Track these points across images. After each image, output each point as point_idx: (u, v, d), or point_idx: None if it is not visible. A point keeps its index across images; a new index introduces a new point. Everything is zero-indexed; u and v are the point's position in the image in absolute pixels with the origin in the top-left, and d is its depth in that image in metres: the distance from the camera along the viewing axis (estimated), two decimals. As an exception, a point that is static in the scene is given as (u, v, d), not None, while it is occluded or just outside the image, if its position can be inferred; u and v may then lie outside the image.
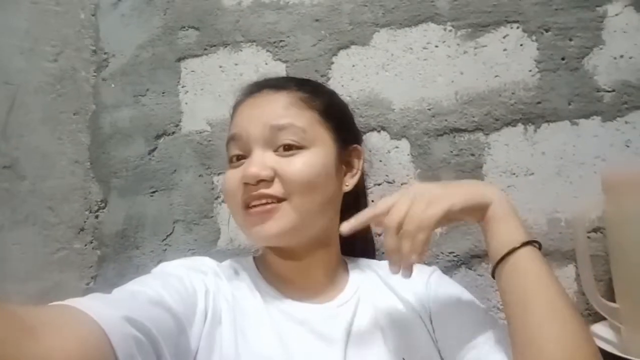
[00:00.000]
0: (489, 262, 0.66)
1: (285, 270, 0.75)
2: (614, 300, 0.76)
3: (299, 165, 0.69)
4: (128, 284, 0.61)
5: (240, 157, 0.73)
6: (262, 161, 0.69)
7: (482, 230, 0.65)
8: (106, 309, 0.49)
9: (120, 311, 0.50)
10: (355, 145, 0.80)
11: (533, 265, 0.60)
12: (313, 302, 0.72)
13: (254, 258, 0.79)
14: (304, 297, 0.72)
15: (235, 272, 0.74)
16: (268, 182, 0.69)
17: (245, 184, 0.69)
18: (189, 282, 0.65)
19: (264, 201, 0.69)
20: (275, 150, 0.70)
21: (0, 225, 0.93)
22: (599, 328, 0.78)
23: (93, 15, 1.13)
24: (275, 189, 0.69)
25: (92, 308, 0.47)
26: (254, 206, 0.69)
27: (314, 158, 0.71)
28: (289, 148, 0.70)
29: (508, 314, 0.61)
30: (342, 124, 0.79)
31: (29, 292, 0.96)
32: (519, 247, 0.61)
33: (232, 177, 0.72)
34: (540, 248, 0.63)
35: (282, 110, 0.72)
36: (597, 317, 0.79)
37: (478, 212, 0.64)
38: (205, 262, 0.73)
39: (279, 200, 0.69)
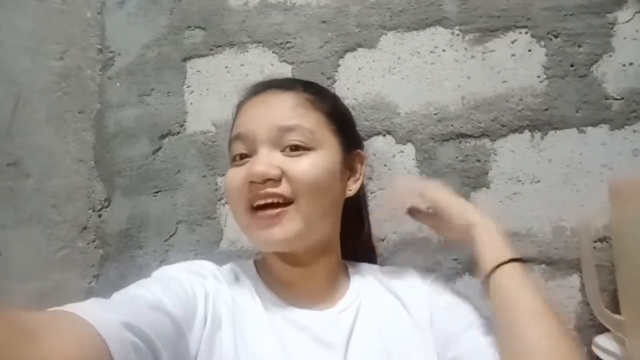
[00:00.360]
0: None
1: (287, 275, 0.74)
2: (618, 311, 0.75)
3: (306, 166, 0.68)
4: (128, 287, 0.61)
5: (245, 156, 0.71)
6: (269, 160, 0.68)
7: (473, 251, 0.70)
8: (104, 314, 0.49)
9: (118, 316, 0.50)
10: (358, 150, 0.79)
11: (514, 281, 0.64)
12: (314, 308, 0.72)
13: (255, 262, 0.78)
14: (305, 302, 0.72)
15: (235, 277, 0.74)
16: (275, 181, 0.67)
17: (252, 182, 0.68)
18: (189, 286, 0.65)
19: (270, 201, 0.67)
20: (282, 151, 0.69)
21: (4, 223, 0.93)
22: (602, 340, 0.77)
23: (99, 14, 1.13)
24: (283, 189, 0.67)
25: (91, 314, 0.47)
26: (260, 207, 0.68)
27: (320, 160, 0.70)
28: (296, 149, 0.69)
29: (496, 327, 0.64)
30: (347, 128, 0.79)
31: (31, 290, 0.96)
32: (502, 264, 0.64)
33: (236, 175, 0.70)
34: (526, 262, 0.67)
35: (289, 111, 0.71)
36: (601, 329, 0.79)
37: (463, 230, 0.70)
38: (204, 266, 0.72)
39: (286, 200, 0.67)
